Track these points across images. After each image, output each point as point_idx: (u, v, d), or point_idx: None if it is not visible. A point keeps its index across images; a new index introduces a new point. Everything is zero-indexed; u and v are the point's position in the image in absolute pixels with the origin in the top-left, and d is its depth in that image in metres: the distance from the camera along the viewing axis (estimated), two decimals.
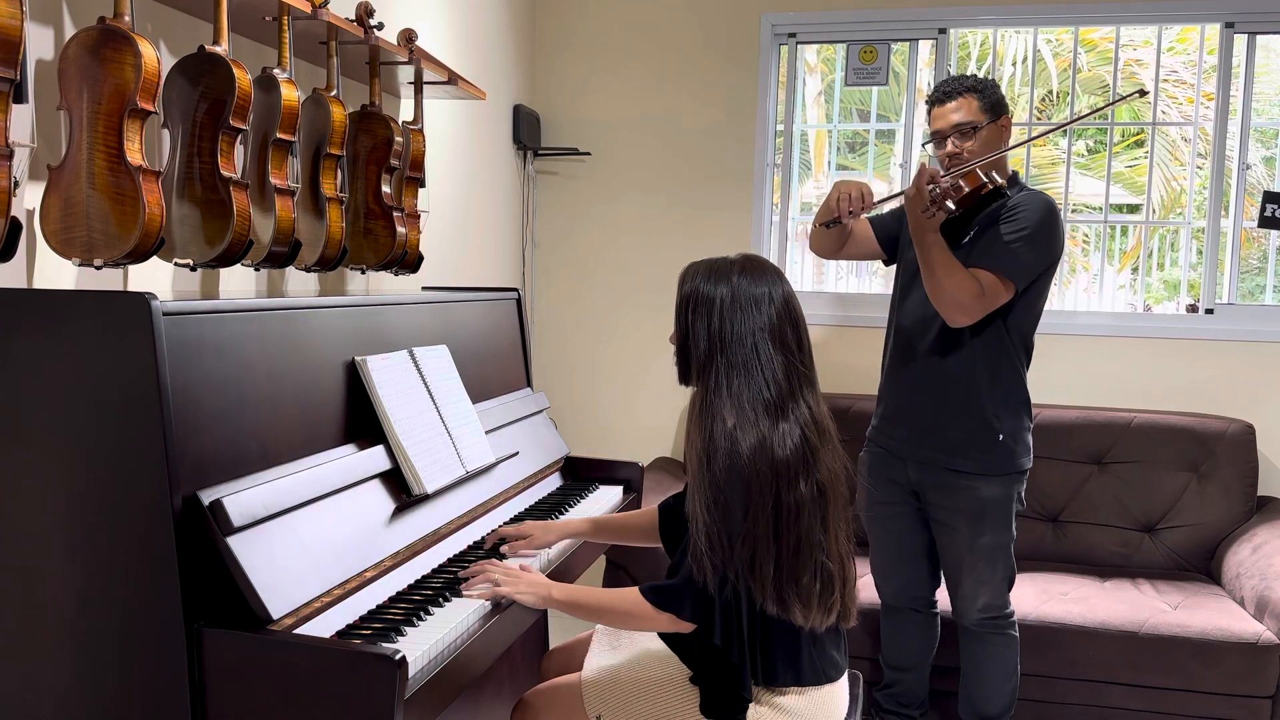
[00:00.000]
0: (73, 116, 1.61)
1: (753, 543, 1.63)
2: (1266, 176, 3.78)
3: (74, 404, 1.41)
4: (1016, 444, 2.54)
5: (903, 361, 2.65)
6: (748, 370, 1.69)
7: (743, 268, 1.74)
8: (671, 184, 3.87)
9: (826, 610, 1.68)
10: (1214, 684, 2.77)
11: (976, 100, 2.53)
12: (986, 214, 2.51)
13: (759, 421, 1.66)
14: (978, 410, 2.52)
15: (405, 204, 2.47)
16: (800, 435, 1.67)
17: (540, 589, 1.78)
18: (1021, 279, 2.45)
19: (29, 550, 1.44)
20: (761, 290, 1.72)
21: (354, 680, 1.36)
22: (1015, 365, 2.54)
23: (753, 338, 1.70)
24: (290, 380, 1.70)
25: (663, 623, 1.71)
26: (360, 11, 2.20)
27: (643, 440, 3.92)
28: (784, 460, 1.64)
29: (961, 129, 2.53)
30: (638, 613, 1.72)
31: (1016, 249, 2.44)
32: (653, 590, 1.71)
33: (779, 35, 3.81)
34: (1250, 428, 3.34)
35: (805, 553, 1.65)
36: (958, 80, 2.57)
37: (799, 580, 1.65)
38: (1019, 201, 2.51)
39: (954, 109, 2.54)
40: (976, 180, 2.43)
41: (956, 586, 2.63)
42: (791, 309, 1.74)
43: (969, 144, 2.52)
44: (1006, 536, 2.57)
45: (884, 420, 2.71)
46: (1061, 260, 2.59)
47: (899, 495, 2.67)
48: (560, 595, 1.78)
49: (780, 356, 1.70)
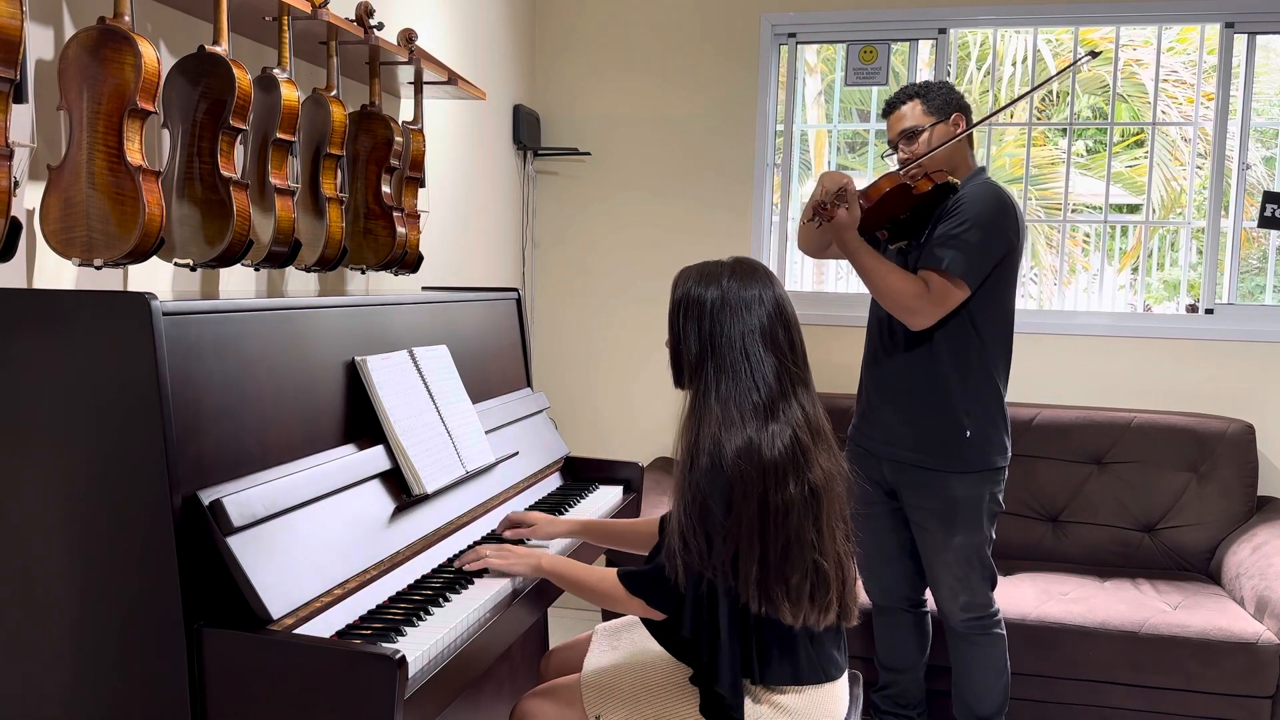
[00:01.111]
0: (73, 116, 1.61)
1: (735, 542, 1.64)
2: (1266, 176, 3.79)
3: (74, 404, 1.41)
4: (988, 442, 2.53)
5: (875, 360, 2.67)
6: (737, 373, 1.69)
7: (733, 271, 1.75)
8: (671, 184, 3.87)
9: (822, 609, 1.69)
10: (1214, 684, 2.77)
11: (920, 104, 2.59)
12: (939, 212, 2.53)
13: (746, 424, 1.66)
14: (946, 408, 2.52)
15: (405, 204, 2.47)
16: (791, 436, 1.68)
17: (531, 559, 1.87)
18: (970, 274, 2.44)
19: (29, 550, 1.44)
20: (752, 293, 1.73)
21: (354, 680, 1.36)
22: (985, 362, 2.53)
23: (743, 340, 1.71)
24: (290, 380, 1.70)
25: (635, 607, 1.76)
26: (360, 11, 2.20)
27: (642, 440, 3.92)
28: (773, 461, 1.65)
29: (905, 134, 2.59)
30: (613, 594, 1.77)
31: (957, 244, 2.44)
32: (628, 575, 1.76)
33: (779, 35, 3.81)
34: (1250, 428, 3.34)
35: (795, 552, 1.66)
36: (904, 88, 2.65)
37: (788, 580, 1.65)
38: (963, 195, 2.52)
39: (900, 116, 2.62)
40: (893, 180, 2.50)
41: (937, 587, 2.64)
42: (783, 311, 1.75)
43: (914, 146, 2.58)
44: (980, 536, 2.56)
45: (860, 419, 2.73)
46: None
47: (877, 495, 2.67)
48: (548, 565, 1.87)
49: (771, 358, 1.71)
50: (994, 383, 2.55)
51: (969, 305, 2.48)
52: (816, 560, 1.67)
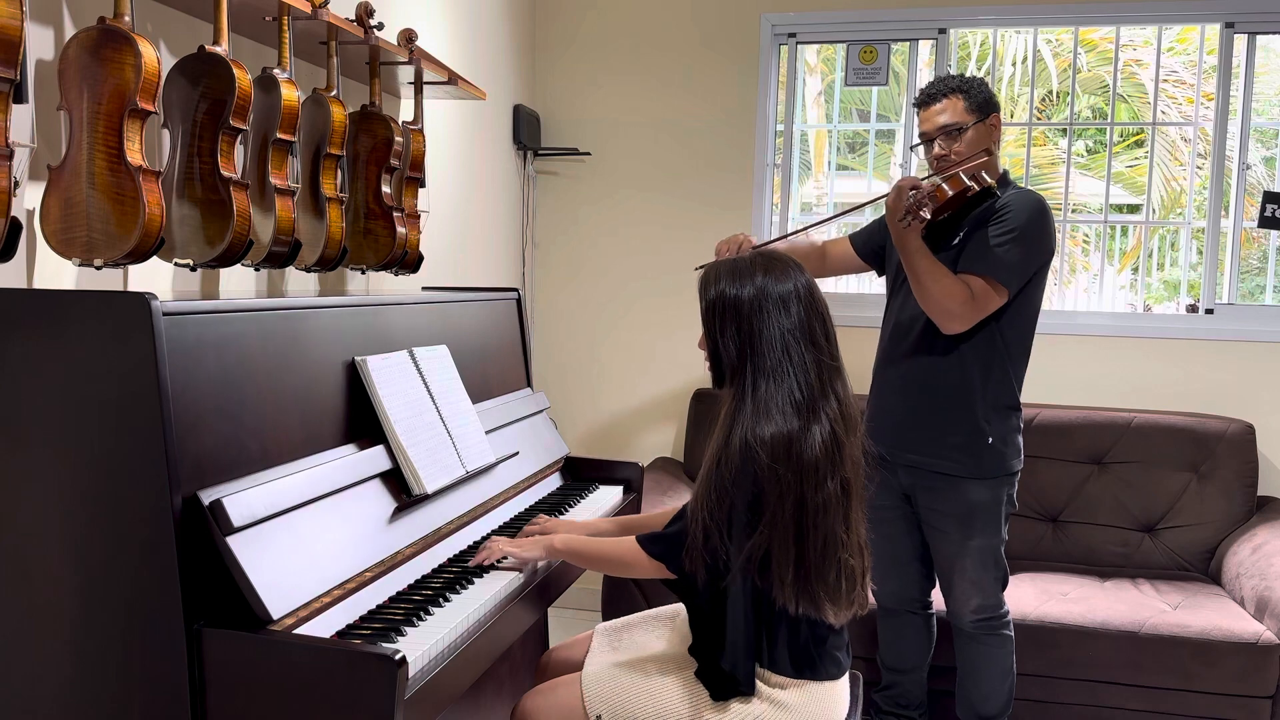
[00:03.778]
0: (73, 116, 1.61)
1: (766, 544, 1.64)
2: (1266, 176, 3.78)
3: (74, 404, 1.41)
4: (1006, 446, 2.53)
5: (892, 363, 2.64)
6: (778, 373, 1.69)
7: (765, 267, 1.74)
8: (671, 184, 3.87)
9: (851, 603, 1.70)
10: (1214, 684, 2.77)
11: (962, 101, 2.51)
12: (975, 215, 2.51)
13: (788, 424, 1.66)
14: (968, 413, 2.50)
15: (405, 204, 2.47)
16: (830, 432, 1.68)
17: (543, 540, 1.91)
18: (1013, 282, 2.44)
19: (29, 550, 1.44)
20: (787, 287, 1.72)
21: (354, 680, 1.36)
22: (1006, 367, 2.52)
23: (783, 340, 1.70)
24: (290, 380, 1.70)
25: (653, 569, 1.78)
26: (360, 11, 2.20)
27: (643, 440, 3.92)
28: (812, 461, 1.65)
29: (947, 130, 2.52)
30: (632, 560, 1.79)
31: (1004, 251, 2.42)
32: (649, 539, 1.78)
33: (779, 35, 3.81)
34: (1250, 428, 3.34)
35: (831, 549, 1.66)
36: (943, 81, 2.56)
37: (825, 579, 1.66)
38: (1007, 202, 2.49)
39: (939, 110, 2.53)
40: (960, 184, 2.42)
41: (950, 589, 2.62)
42: (816, 301, 1.75)
43: (956, 145, 2.51)
44: (997, 539, 2.56)
45: (873, 423, 2.69)
46: (1056, 259, 2.58)
47: (891, 499, 2.66)
48: (561, 544, 1.90)
49: (811, 354, 1.71)
50: (1014, 388, 2.55)
51: (999, 311, 2.47)
52: (845, 558, 1.68)
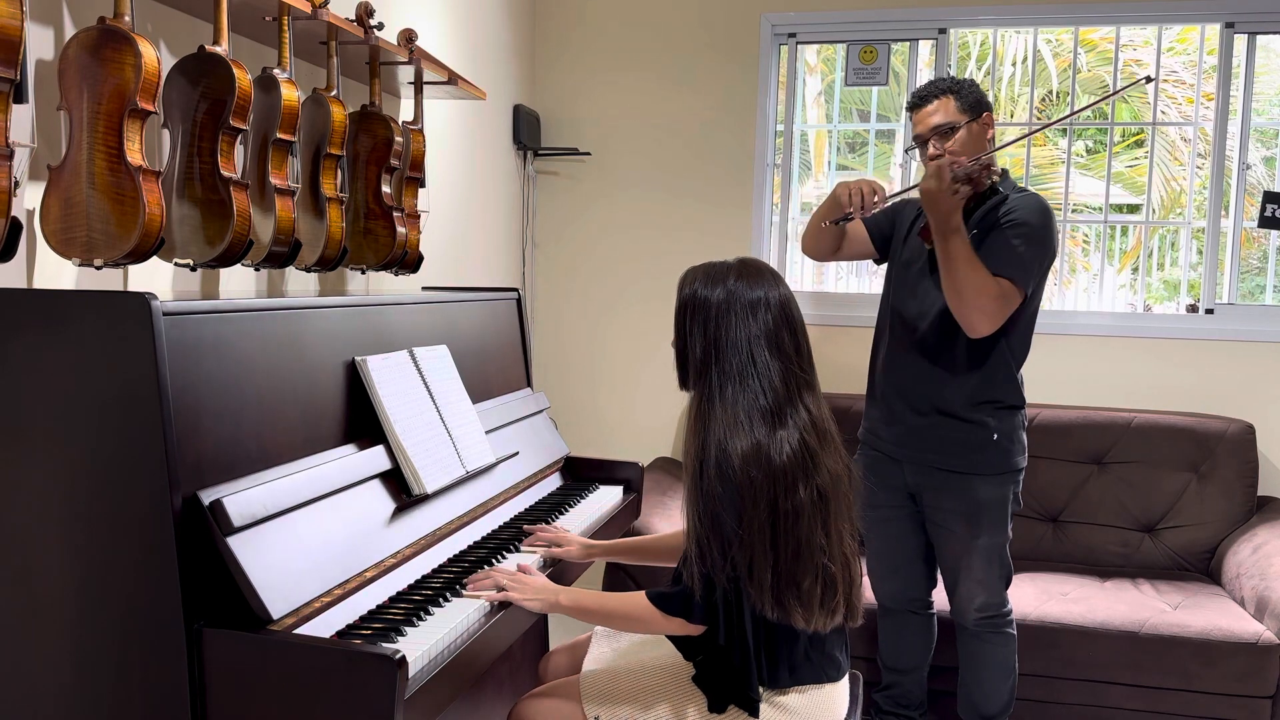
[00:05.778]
0: (73, 116, 1.61)
1: (749, 550, 1.63)
2: (1266, 176, 3.78)
3: (74, 404, 1.41)
4: (1012, 443, 2.54)
5: (896, 362, 2.63)
6: (744, 378, 1.68)
7: (739, 272, 1.73)
8: (671, 184, 3.87)
9: (829, 612, 1.69)
10: (1214, 684, 2.77)
11: (954, 101, 2.52)
12: (982, 213, 2.51)
13: (754, 430, 1.65)
14: (973, 411, 2.51)
15: (405, 204, 2.47)
16: (799, 440, 1.67)
17: (547, 594, 1.78)
18: (1029, 284, 2.45)
19: (29, 550, 1.44)
20: (758, 295, 1.71)
21: (354, 680, 1.36)
22: (1009, 365, 2.52)
23: (749, 345, 1.69)
24: (290, 380, 1.70)
25: (674, 626, 1.73)
26: (360, 11, 2.20)
27: (643, 440, 3.92)
28: (781, 467, 1.64)
29: (940, 130, 2.52)
30: (647, 618, 1.73)
31: (1024, 254, 2.42)
32: (660, 597, 1.72)
33: (779, 35, 3.81)
34: (1250, 428, 3.34)
35: (805, 557, 1.65)
36: (934, 83, 2.58)
37: (799, 584, 1.65)
38: (1016, 203, 2.49)
39: (932, 111, 2.54)
40: (993, 169, 2.46)
41: (954, 587, 2.62)
42: (789, 313, 1.73)
43: (949, 145, 2.51)
44: (1003, 536, 2.56)
45: (875, 422, 2.69)
46: (1056, 259, 2.59)
47: (895, 499, 2.66)
48: (567, 601, 1.79)
49: (778, 363, 1.70)
50: (1017, 384, 2.55)
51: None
52: (824, 564, 1.67)
